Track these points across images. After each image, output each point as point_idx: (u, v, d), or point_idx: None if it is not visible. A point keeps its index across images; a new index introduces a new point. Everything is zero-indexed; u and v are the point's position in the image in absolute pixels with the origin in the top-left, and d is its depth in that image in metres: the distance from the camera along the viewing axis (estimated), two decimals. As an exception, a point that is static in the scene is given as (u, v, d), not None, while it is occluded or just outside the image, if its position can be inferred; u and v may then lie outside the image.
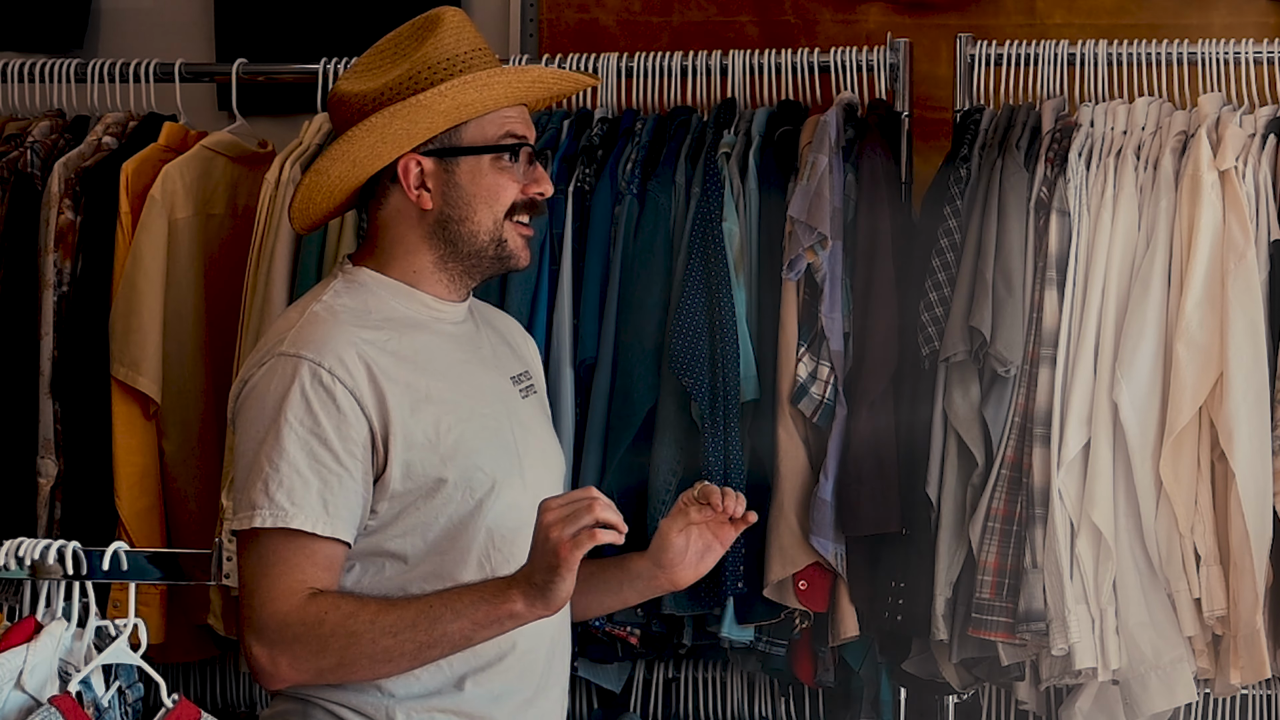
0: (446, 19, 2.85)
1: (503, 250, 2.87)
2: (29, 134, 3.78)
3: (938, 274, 3.45)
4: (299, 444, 2.70)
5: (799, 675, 3.59)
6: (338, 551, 2.72)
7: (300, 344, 2.75)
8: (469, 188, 2.84)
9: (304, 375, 2.72)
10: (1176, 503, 3.36)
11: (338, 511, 2.70)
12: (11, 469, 3.68)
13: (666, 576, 2.92)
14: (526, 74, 2.86)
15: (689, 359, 3.43)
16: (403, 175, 2.83)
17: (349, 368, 2.73)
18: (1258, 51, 3.59)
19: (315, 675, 2.70)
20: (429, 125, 2.81)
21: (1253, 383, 3.36)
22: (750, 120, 3.64)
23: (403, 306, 2.85)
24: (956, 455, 3.45)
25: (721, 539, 2.90)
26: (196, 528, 3.67)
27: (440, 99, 2.79)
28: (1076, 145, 3.48)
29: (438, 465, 2.76)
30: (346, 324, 2.78)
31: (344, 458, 2.71)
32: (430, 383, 2.80)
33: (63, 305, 3.67)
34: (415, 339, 2.83)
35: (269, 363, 2.76)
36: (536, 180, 2.88)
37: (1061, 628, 3.36)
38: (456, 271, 2.88)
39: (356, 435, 2.73)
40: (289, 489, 2.68)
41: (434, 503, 2.76)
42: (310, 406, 2.71)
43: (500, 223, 2.85)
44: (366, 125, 2.80)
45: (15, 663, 2.43)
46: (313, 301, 2.83)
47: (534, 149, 2.90)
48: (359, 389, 2.73)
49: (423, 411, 2.77)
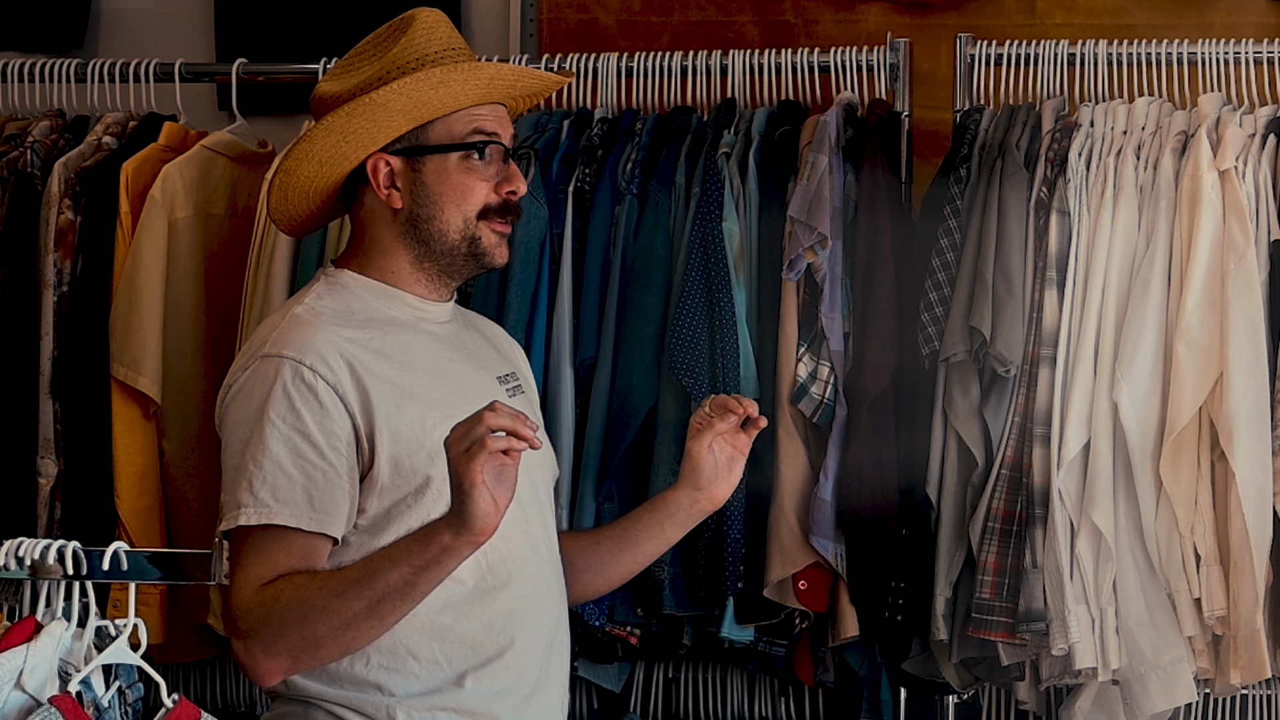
0: (420, 19, 2.85)
1: (476, 249, 2.86)
2: (29, 134, 3.78)
3: (938, 274, 3.46)
4: (282, 441, 2.70)
5: (799, 675, 3.59)
6: (322, 546, 2.71)
7: (282, 345, 2.75)
8: (436, 187, 2.84)
9: (286, 374, 2.72)
10: (1176, 503, 3.36)
11: (323, 506, 2.70)
12: (11, 469, 3.68)
13: (707, 496, 2.97)
14: (483, 70, 2.84)
15: (689, 359, 3.43)
16: (371, 175, 2.84)
17: (331, 365, 2.73)
18: (1258, 51, 3.59)
19: (290, 659, 2.68)
20: (389, 124, 2.81)
21: (1253, 383, 3.36)
22: (750, 120, 3.64)
23: (386, 306, 2.86)
24: (956, 455, 3.45)
25: (739, 447, 2.95)
26: (196, 528, 3.67)
27: (395, 96, 2.79)
28: (1076, 145, 3.48)
29: (425, 462, 2.75)
30: (329, 324, 2.78)
31: (328, 453, 2.71)
32: (414, 380, 2.79)
33: (63, 305, 3.67)
34: (399, 338, 2.83)
35: (252, 366, 2.76)
36: (509, 179, 2.87)
37: (1061, 628, 3.36)
38: (433, 271, 2.88)
39: (340, 431, 2.72)
40: (273, 486, 2.69)
41: (424, 501, 2.76)
42: (293, 404, 2.71)
43: (472, 222, 2.85)
44: (325, 124, 2.81)
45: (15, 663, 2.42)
46: (295, 305, 2.84)
47: (506, 148, 2.88)
48: (341, 385, 2.73)
49: (407, 408, 2.76)
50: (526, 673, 2.82)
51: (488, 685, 2.79)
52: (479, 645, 2.77)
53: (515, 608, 2.81)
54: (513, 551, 2.78)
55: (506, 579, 2.79)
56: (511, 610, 2.80)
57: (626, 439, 3.48)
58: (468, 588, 2.76)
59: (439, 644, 2.75)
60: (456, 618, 2.76)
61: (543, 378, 3.50)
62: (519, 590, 2.81)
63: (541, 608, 2.86)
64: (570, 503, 3.49)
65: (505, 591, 2.80)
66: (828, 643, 3.52)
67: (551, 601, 2.89)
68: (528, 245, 3.52)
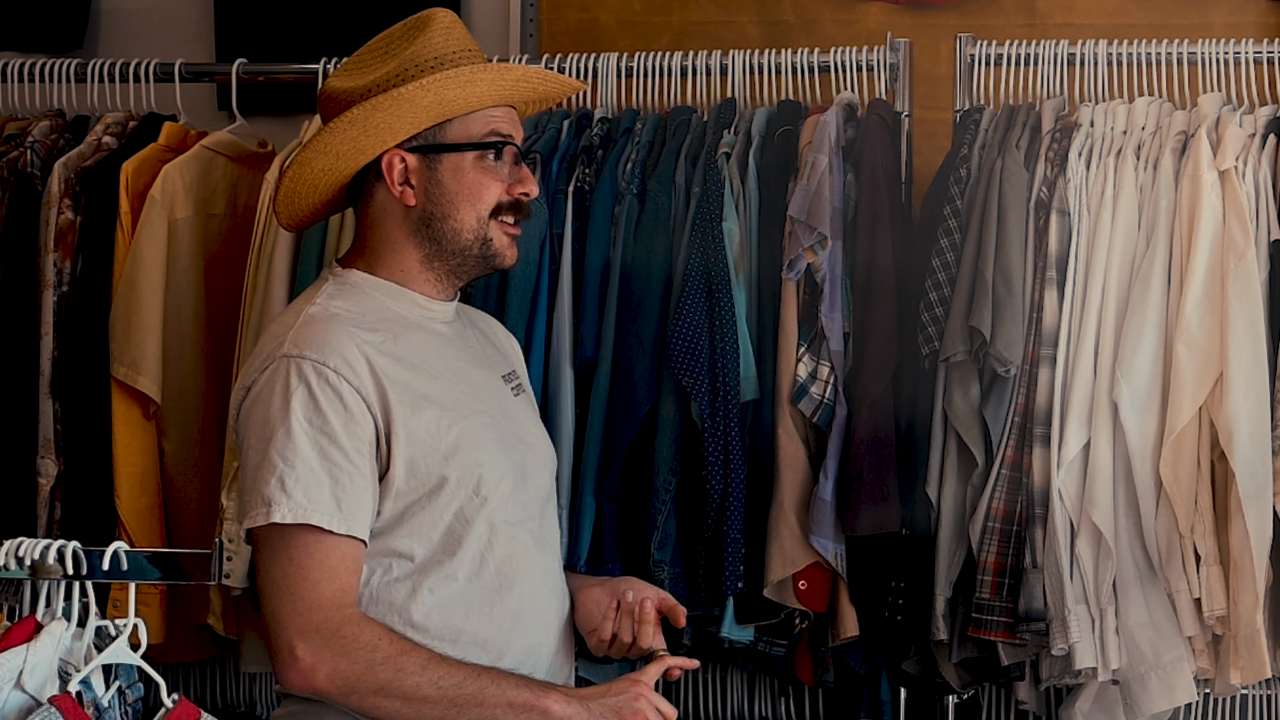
0: (437, 19, 2.86)
1: (488, 249, 2.87)
2: (29, 134, 3.78)
3: (938, 274, 3.46)
4: (310, 442, 2.70)
5: (799, 675, 3.59)
6: (359, 551, 2.73)
7: (302, 345, 2.75)
8: (451, 185, 2.85)
9: (309, 375, 2.72)
10: (1176, 503, 3.36)
11: (351, 510, 2.71)
12: (11, 469, 3.68)
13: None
14: (511, 72, 2.87)
15: (689, 359, 3.43)
16: (386, 171, 2.84)
17: (354, 366, 2.74)
18: (1258, 51, 3.59)
19: (344, 692, 2.70)
20: (412, 120, 2.82)
21: (1253, 383, 3.36)
22: (750, 120, 3.64)
23: (396, 306, 2.86)
24: (956, 455, 3.45)
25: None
26: (196, 528, 3.67)
27: (423, 93, 2.80)
28: (1076, 145, 3.48)
29: (439, 463, 2.77)
30: (346, 325, 2.79)
31: (354, 456, 2.72)
32: (428, 382, 2.80)
33: (63, 305, 3.67)
34: (411, 339, 2.83)
35: (271, 366, 2.76)
36: (521, 180, 2.89)
37: (1061, 628, 3.36)
38: (443, 270, 2.88)
39: (364, 434, 2.73)
40: (305, 486, 2.69)
41: (438, 501, 2.77)
42: (319, 405, 2.72)
43: (485, 221, 2.86)
44: (348, 118, 2.81)
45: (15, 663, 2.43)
46: (307, 304, 2.84)
47: (520, 150, 2.90)
48: (364, 387, 2.74)
49: (422, 410, 2.77)
50: (536, 671, 2.83)
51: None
52: (489, 644, 2.79)
53: (523, 606, 2.83)
54: (518, 550, 2.81)
55: (513, 578, 2.81)
56: (520, 609, 2.82)
57: (626, 439, 3.48)
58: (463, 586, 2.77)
59: (453, 645, 2.77)
60: (467, 616, 2.78)
61: (543, 378, 3.50)
62: (525, 589, 2.83)
63: (547, 604, 2.88)
64: (570, 503, 3.49)
65: (512, 591, 2.82)
66: (828, 643, 3.52)
67: (556, 597, 2.90)
68: (528, 245, 3.51)
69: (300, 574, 2.69)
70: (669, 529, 3.48)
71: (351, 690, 2.69)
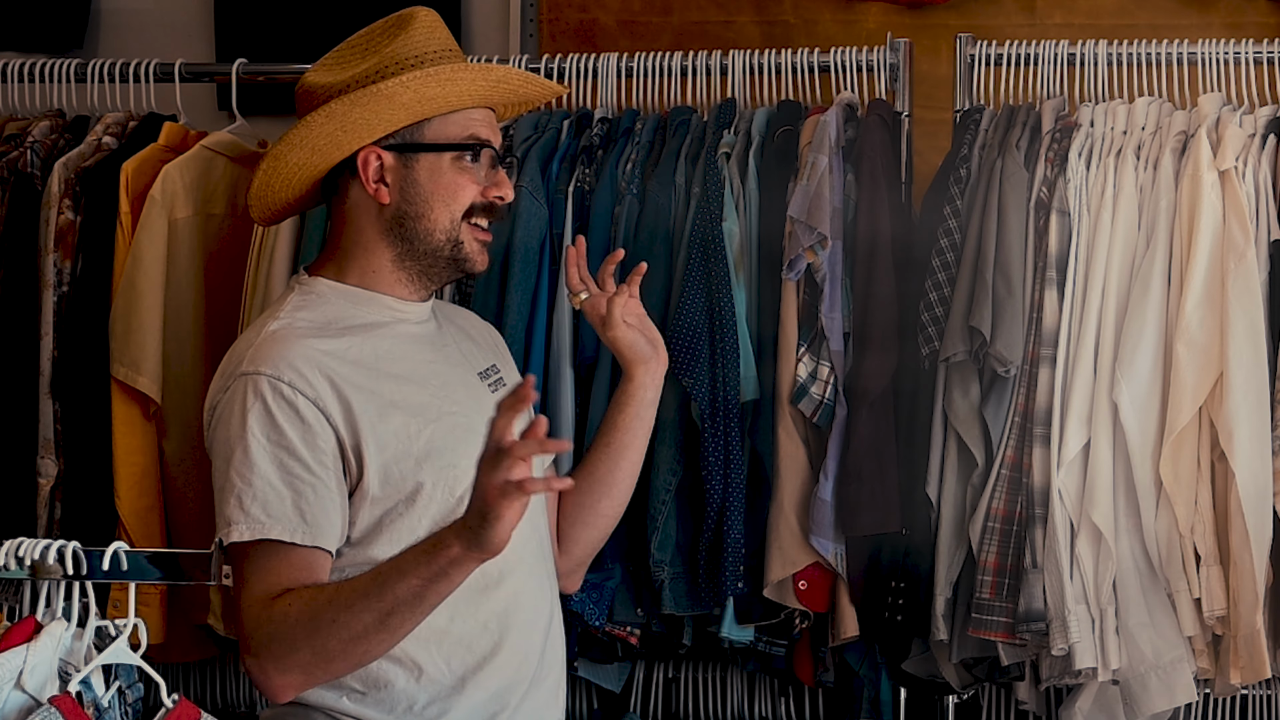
0: (419, 17, 2.85)
1: (459, 252, 2.85)
2: (29, 134, 3.78)
3: (938, 274, 3.46)
4: (268, 458, 2.69)
5: (799, 675, 3.59)
6: (321, 559, 2.70)
7: (259, 361, 2.73)
8: (427, 185, 2.84)
9: (265, 391, 2.71)
10: (1176, 503, 3.36)
11: (316, 520, 2.69)
12: (11, 469, 3.68)
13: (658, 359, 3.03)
14: (492, 73, 2.86)
15: (689, 359, 3.43)
16: (362, 168, 2.83)
17: (309, 379, 2.72)
18: (1258, 51, 3.59)
19: (303, 675, 2.66)
20: (390, 117, 2.81)
21: (1253, 383, 3.36)
22: (750, 120, 3.64)
23: (363, 312, 2.84)
24: (956, 455, 3.45)
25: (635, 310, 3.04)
26: (196, 528, 3.67)
27: (402, 90, 2.78)
28: (1076, 145, 3.48)
29: (413, 469, 2.75)
30: (305, 337, 2.77)
31: (315, 467, 2.70)
32: (395, 388, 2.78)
33: (63, 305, 3.67)
34: (379, 344, 2.82)
35: (231, 385, 2.74)
36: (497, 184, 2.87)
37: (1061, 628, 3.36)
38: (414, 271, 2.86)
39: (325, 445, 2.71)
40: (263, 502, 2.67)
41: (415, 508, 2.75)
42: (274, 420, 2.70)
43: (457, 223, 2.84)
44: (325, 112, 2.80)
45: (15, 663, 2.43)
46: (269, 320, 2.82)
47: (497, 153, 2.89)
48: (322, 399, 2.72)
49: (390, 417, 2.76)
50: (524, 667, 2.83)
51: (486, 686, 2.79)
52: (475, 644, 2.77)
53: (509, 604, 2.81)
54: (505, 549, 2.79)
55: (499, 577, 2.79)
56: (506, 607, 2.81)
57: (626, 439, 3.48)
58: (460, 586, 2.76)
59: (437, 646, 2.75)
60: (452, 618, 2.76)
61: (543, 378, 3.50)
62: (512, 586, 2.82)
63: (535, 602, 2.86)
64: (570, 503, 3.49)
65: (498, 590, 2.80)
66: (828, 643, 3.52)
67: (544, 595, 2.89)
68: (528, 245, 3.52)
69: (244, 586, 2.67)
70: (669, 529, 3.48)
71: (304, 670, 2.64)
